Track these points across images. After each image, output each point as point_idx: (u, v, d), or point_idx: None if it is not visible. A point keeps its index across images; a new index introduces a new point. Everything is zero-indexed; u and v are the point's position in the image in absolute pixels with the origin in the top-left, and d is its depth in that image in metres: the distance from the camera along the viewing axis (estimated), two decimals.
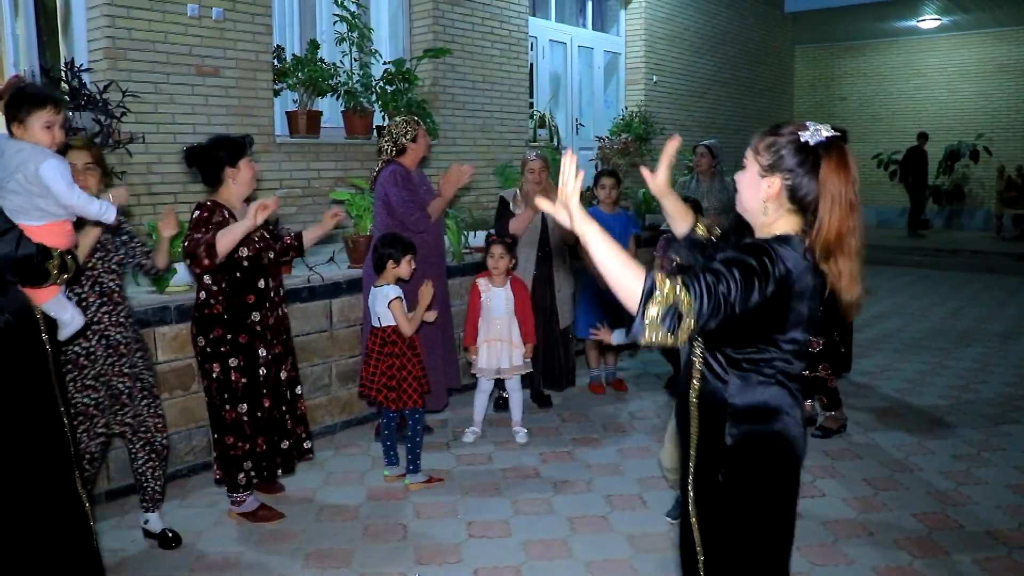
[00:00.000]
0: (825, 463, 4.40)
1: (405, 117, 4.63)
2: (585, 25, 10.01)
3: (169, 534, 3.47)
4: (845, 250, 1.83)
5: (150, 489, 3.43)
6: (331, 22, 6.71)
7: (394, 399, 3.98)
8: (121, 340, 3.24)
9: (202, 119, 5.62)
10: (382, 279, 4.02)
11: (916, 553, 3.40)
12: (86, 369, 3.15)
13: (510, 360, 4.65)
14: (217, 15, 5.67)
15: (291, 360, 3.76)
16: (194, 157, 3.48)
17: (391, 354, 3.98)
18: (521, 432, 4.76)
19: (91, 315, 3.13)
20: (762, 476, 1.97)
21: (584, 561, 3.35)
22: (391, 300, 3.94)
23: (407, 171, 4.48)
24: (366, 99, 6.74)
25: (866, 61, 16.80)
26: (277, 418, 3.64)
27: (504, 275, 4.64)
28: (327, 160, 6.51)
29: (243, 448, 3.54)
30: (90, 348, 3.16)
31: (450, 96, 7.53)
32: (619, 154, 8.97)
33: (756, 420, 1.93)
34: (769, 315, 1.82)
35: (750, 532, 1.98)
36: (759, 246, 1.82)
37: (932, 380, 6.03)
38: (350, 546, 3.48)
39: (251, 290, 3.50)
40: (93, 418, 3.18)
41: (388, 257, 3.99)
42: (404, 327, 3.96)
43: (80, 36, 5.34)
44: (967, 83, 15.77)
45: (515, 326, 4.66)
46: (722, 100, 11.94)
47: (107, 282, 3.20)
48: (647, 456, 4.49)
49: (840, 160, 1.83)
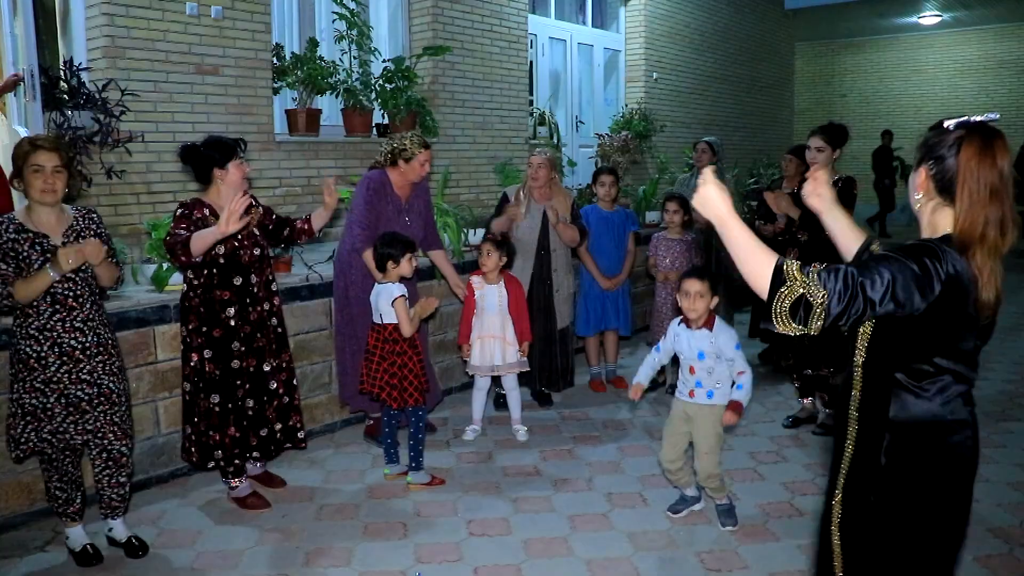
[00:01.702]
0: (826, 460, 4.39)
1: (417, 136, 4.41)
2: (585, 22, 10.00)
3: (135, 541, 3.39)
4: (984, 243, 1.68)
5: (107, 497, 3.35)
6: (330, 20, 6.70)
7: (396, 397, 3.97)
8: (77, 346, 3.13)
9: (201, 117, 5.61)
10: (385, 278, 4.00)
11: None
12: (35, 372, 3.08)
13: (503, 357, 4.62)
14: (216, 13, 5.66)
15: (284, 352, 3.86)
16: (187, 156, 3.64)
17: (393, 352, 3.96)
18: (521, 430, 4.75)
19: (42, 321, 3.07)
20: (925, 497, 1.78)
21: (584, 559, 3.34)
22: (395, 298, 3.91)
23: (385, 183, 4.40)
24: (366, 97, 6.74)
25: (866, 57, 16.79)
26: (255, 409, 3.72)
27: (496, 272, 4.61)
28: (327, 158, 6.51)
29: (214, 437, 3.66)
30: (40, 353, 3.08)
31: (450, 94, 7.52)
32: (619, 151, 8.97)
33: (923, 435, 1.76)
34: (937, 318, 1.67)
35: (906, 561, 1.78)
36: (921, 245, 1.69)
37: None
38: (350, 544, 3.48)
39: (226, 287, 3.61)
40: (40, 421, 3.11)
41: (388, 257, 3.97)
42: (405, 327, 3.93)
43: (79, 35, 5.33)
44: (968, 79, 15.76)
45: (509, 323, 4.64)
46: (722, 97, 11.92)
47: (59, 290, 3.09)
48: (647, 454, 4.48)
49: (982, 145, 1.71)
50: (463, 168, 7.61)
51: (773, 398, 5.44)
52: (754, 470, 4.28)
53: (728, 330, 3.54)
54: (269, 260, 3.87)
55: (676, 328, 3.62)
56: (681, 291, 3.50)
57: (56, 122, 4.86)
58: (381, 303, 3.97)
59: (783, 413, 5.07)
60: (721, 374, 3.49)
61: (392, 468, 4.19)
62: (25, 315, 3.08)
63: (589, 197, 6.60)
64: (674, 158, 9.90)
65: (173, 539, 3.53)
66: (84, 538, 3.34)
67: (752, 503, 3.84)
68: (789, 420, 4.94)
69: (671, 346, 3.63)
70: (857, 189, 4.52)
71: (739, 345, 3.52)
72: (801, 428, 4.87)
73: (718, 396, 3.50)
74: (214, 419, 3.65)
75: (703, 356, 3.50)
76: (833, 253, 2.08)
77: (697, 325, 3.52)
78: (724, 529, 3.58)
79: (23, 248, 3.03)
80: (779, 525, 3.64)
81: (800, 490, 4.01)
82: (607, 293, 5.50)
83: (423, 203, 4.63)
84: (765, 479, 4.16)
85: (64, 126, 4.83)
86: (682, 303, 3.50)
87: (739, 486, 3.98)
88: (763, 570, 3.25)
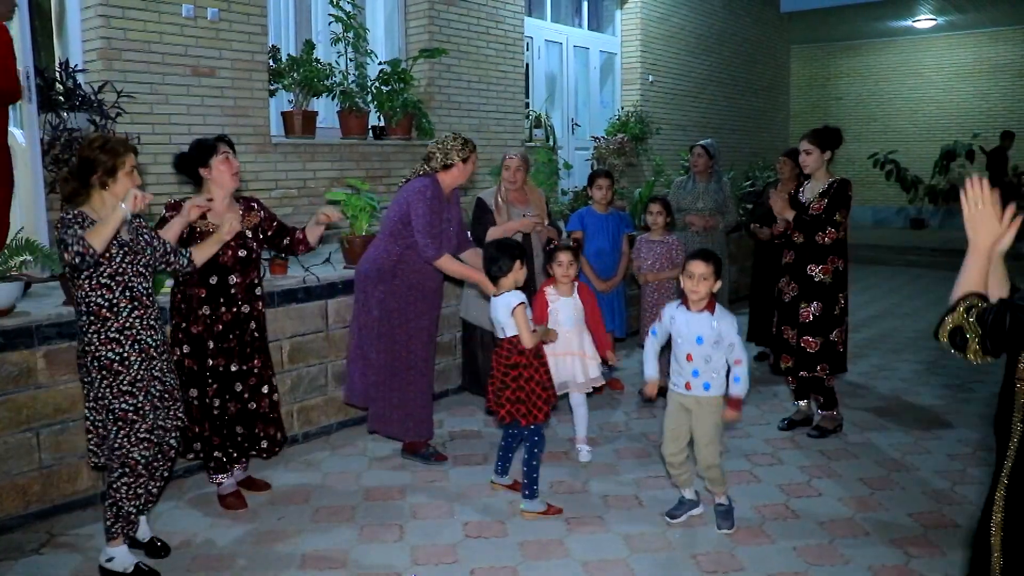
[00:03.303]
0: (821, 463, 4.40)
1: (461, 138, 4.28)
2: (581, 25, 10.01)
3: (158, 543, 3.40)
4: None
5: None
6: (326, 22, 6.70)
7: (524, 413, 3.70)
8: (152, 343, 3.18)
9: (197, 120, 5.61)
10: (499, 290, 3.75)
11: (912, 552, 3.40)
12: (121, 375, 3.08)
13: (585, 373, 4.33)
14: (212, 15, 5.66)
15: (256, 358, 3.80)
16: (177, 164, 3.77)
17: (518, 365, 3.71)
18: (584, 450, 4.44)
19: (122, 321, 3.08)
20: None
21: (580, 561, 3.35)
22: (515, 307, 3.66)
23: (440, 191, 4.22)
24: (362, 99, 6.74)
25: (862, 61, 16.83)
26: (219, 408, 3.73)
27: (571, 284, 4.35)
28: (323, 160, 6.50)
29: (193, 429, 3.69)
30: (123, 354, 3.09)
31: (446, 96, 7.53)
32: (615, 154, 8.98)
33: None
34: None
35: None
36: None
37: (928, 380, 6.05)
38: (346, 546, 3.48)
39: (202, 285, 3.66)
40: (134, 423, 3.10)
41: (502, 273, 3.71)
42: (525, 337, 3.68)
43: (75, 36, 5.32)
44: (963, 83, 15.80)
45: (587, 337, 4.37)
46: (718, 100, 11.94)
47: (136, 286, 3.13)
48: (643, 456, 4.49)
49: None
50: None
51: (769, 400, 5.45)
52: (750, 472, 4.28)
53: (729, 315, 3.53)
54: (257, 264, 3.85)
55: (673, 310, 3.58)
56: (685, 272, 3.48)
57: (52, 124, 4.85)
58: (500, 315, 3.73)
59: (778, 415, 5.08)
60: (718, 361, 3.48)
61: (499, 479, 4.03)
62: (103, 319, 3.05)
63: (585, 200, 6.61)
64: (670, 161, 9.92)
65: (169, 540, 3.50)
66: (132, 557, 3.24)
67: (748, 505, 3.85)
68: (784, 422, 4.94)
69: (667, 328, 3.60)
70: (851, 191, 4.54)
71: (739, 332, 3.53)
72: (796, 430, 4.88)
73: (715, 388, 3.50)
74: (194, 412, 3.69)
75: (701, 340, 3.47)
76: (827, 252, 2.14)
77: (698, 308, 3.50)
78: (720, 532, 3.58)
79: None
80: (775, 527, 3.64)
81: (796, 492, 4.02)
82: (602, 295, 5.50)
83: (456, 207, 4.45)
84: (761, 481, 4.17)
85: (60, 128, 4.83)
86: (685, 284, 3.47)
87: (734, 488, 3.98)
88: (759, 572, 3.26)
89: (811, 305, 4.58)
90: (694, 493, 3.74)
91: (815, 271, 4.56)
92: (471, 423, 5.09)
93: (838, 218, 4.49)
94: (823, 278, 4.56)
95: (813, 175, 4.65)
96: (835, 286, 4.58)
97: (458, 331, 5.59)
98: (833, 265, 4.56)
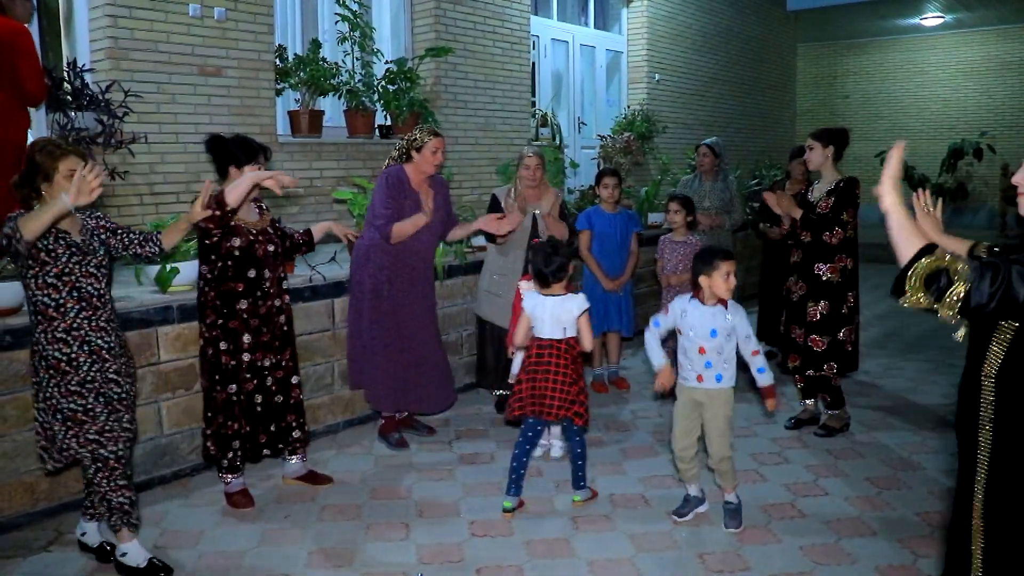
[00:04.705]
0: (828, 462, 4.39)
1: (427, 126, 4.54)
2: (587, 24, 10.00)
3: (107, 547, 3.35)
4: None
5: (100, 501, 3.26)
6: (333, 21, 6.71)
7: (582, 414, 3.75)
8: (104, 345, 3.12)
9: (204, 119, 5.62)
10: (551, 291, 3.74)
11: (919, 552, 3.39)
12: (68, 375, 3.04)
13: None
14: (219, 15, 5.67)
15: (287, 350, 3.89)
16: (212, 147, 3.77)
17: (577, 366, 3.78)
18: (556, 445, 4.49)
19: (69, 322, 3.04)
20: None
21: (587, 560, 3.35)
22: (584, 311, 3.73)
23: (403, 179, 4.42)
24: (368, 98, 6.75)
25: (869, 59, 16.78)
26: (258, 403, 3.78)
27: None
28: (329, 159, 6.52)
29: (232, 428, 3.72)
30: (71, 354, 3.05)
31: (452, 95, 7.53)
32: (622, 153, 8.97)
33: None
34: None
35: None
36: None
37: (935, 379, 6.02)
38: (353, 545, 3.48)
39: (240, 279, 3.67)
40: (83, 424, 3.06)
41: (561, 276, 3.73)
42: (588, 341, 3.78)
43: (82, 36, 5.34)
44: (970, 81, 15.74)
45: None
46: (724, 98, 11.92)
47: (86, 286, 3.07)
48: (650, 455, 4.48)
49: None
50: (465, 169, 7.61)
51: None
52: (756, 471, 4.27)
53: (742, 308, 3.59)
54: (282, 258, 3.92)
55: (685, 304, 3.59)
56: (717, 271, 3.47)
57: (59, 123, 4.87)
58: (564, 315, 3.72)
59: (785, 414, 5.07)
60: (729, 352, 3.53)
61: (513, 501, 3.80)
62: (49, 319, 3.02)
63: (592, 199, 6.61)
64: (676, 159, 9.90)
65: (175, 539, 3.53)
66: (145, 552, 3.24)
67: (754, 504, 3.84)
68: (791, 421, 4.94)
69: (675, 323, 3.61)
70: (859, 189, 4.52)
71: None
72: (803, 429, 4.87)
73: (727, 379, 3.53)
74: (234, 409, 3.72)
75: (715, 334, 3.49)
76: (834, 251, 2.10)
77: (712, 302, 3.53)
78: (727, 531, 3.58)
79: (48, 241, 3.00)
80: (781, 526, 3.64)
81: (802, 491, 4.01)
82: (609, 294, 5.50)
83: (442, 198, 4.61)
84: (767, 480, 4.16)
85: (67, 128, 4.85)
86: (721, 285, 3.46)
87: (741, 487, 3.96)
88: (766, 571, 3.25)
89: (819, 304, 4.57)
90: (700, 490, 3.74)
91: (823, 270, 4.55)
92: (478, 422, 5.09)
93: (845, 217, 4.48)
94: (831, 277, 4.55)
95: (821, 174, 4.65)
96: (843, 285, 4.57)
97: (465, 330, 5.61)
98: (841, 264, 4.54)
